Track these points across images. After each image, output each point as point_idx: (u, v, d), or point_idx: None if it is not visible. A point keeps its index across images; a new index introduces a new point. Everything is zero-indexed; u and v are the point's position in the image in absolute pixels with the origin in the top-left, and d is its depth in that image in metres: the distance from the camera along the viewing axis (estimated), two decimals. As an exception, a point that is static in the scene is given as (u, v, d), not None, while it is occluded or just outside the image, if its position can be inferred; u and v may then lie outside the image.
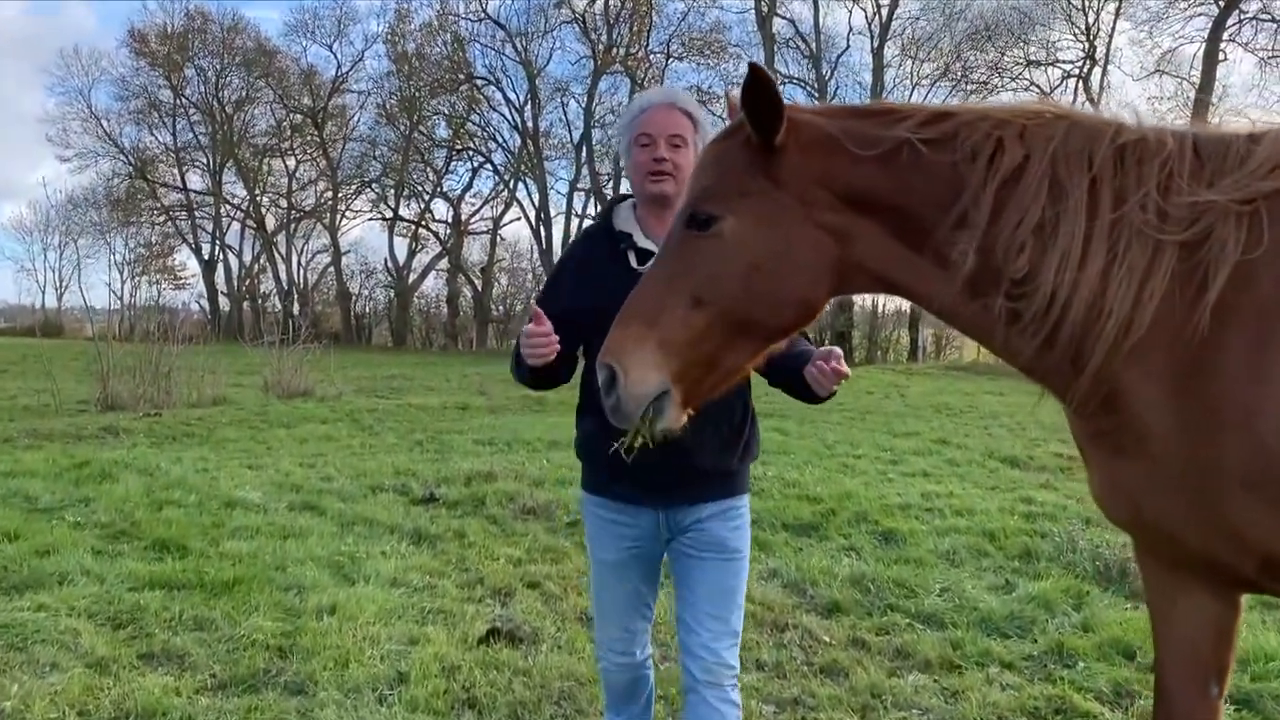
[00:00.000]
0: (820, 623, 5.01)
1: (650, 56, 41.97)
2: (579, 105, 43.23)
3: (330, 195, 48.59)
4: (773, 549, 6.29)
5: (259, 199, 49.91)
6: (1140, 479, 2.07)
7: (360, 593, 5.12)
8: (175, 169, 50.40)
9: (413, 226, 48.57)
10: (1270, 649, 4.37)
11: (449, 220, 48.15)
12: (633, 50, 41.95)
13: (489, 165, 46.93)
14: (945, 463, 10.17)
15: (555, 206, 44.55)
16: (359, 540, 6.31)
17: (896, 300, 3.81)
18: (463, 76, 44.12)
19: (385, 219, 48.75)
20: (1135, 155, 2.01)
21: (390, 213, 48.24)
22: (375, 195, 49.03)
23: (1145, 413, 2.00)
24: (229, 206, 50.48)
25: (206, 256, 51.07)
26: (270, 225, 50.29)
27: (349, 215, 50.42)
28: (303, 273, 51.87)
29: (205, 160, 50.24)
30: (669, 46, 41.56)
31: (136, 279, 25.05)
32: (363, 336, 48.39)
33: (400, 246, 48.93)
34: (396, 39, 45.37)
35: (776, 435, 11.19)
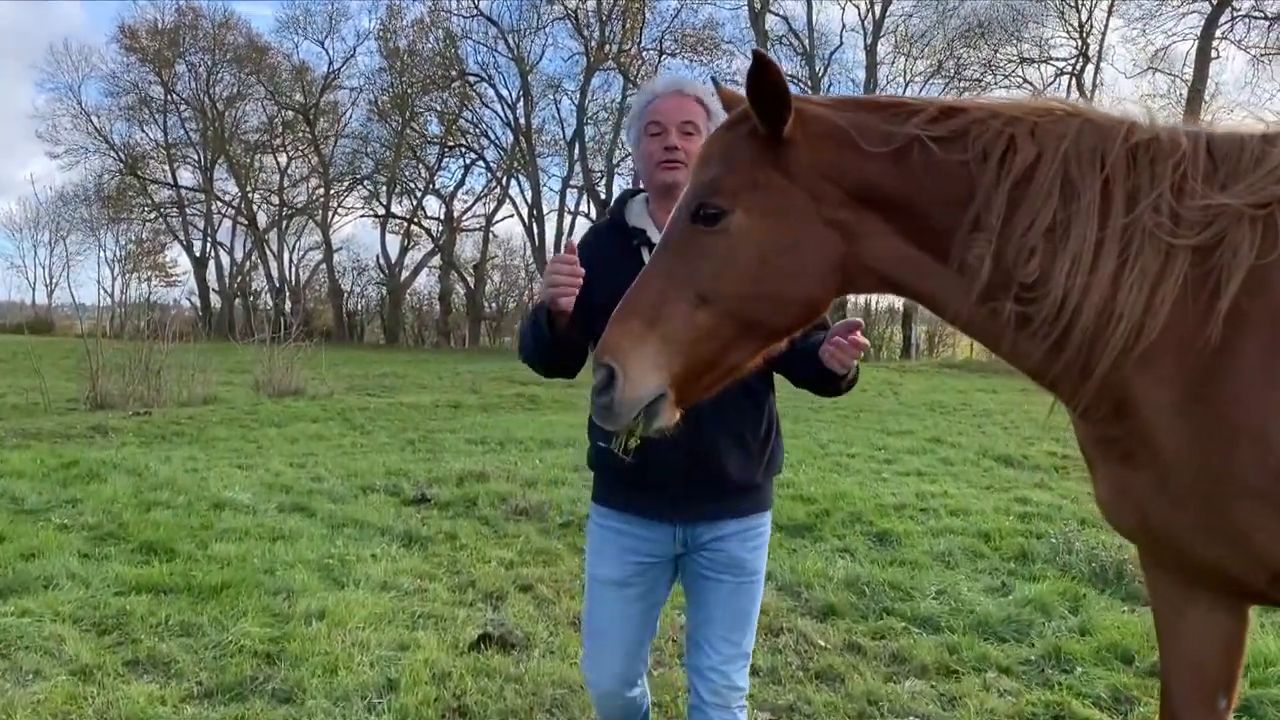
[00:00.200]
0: (816, 626, 4.95)
1: (643, 53, 41.97)
2: (571, 102, 43.28)
3: (322, 192, 48.52)
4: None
5: (250, 196, 49.85)
6: (1148, 486, 2.01)
7: (350, 597, 5.04)
8: (166, 165, 50.35)
9: (405, 223, 48.58)
10: (1270, 654, 4.32)
11: (441, 217, 48.17)
12: (625, 47, 41.93)
13: (481, 162, 47.06)
14: (939, 461, 10.12)
15: (548, 203, 44.69)
16: (349, 543, 6.23)
17: (889, 297, 3.75)
18: (455, 73, 44.01)
19: (377, 216, 48.77)
20: (1148, 155, 1.95)
21: (382, 210, 48.24)
22: (367, 192, 49.11)
23: (1155, 419, 1.95)
24: (220, 203, 50.44)
25: (197, 253, 50.99)
26: (262, 222, 50.23)
27: (341, 212, 50.54)
28: (294, 270, 51.85)
29: (196, 157, 50.20)
30: (662, 43, 41.60)
31: (127, 276, 24.95)
32: (355, 334, 48.35)
33: (392, 243, 49.06)
34: (388, 35, 45.32)
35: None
